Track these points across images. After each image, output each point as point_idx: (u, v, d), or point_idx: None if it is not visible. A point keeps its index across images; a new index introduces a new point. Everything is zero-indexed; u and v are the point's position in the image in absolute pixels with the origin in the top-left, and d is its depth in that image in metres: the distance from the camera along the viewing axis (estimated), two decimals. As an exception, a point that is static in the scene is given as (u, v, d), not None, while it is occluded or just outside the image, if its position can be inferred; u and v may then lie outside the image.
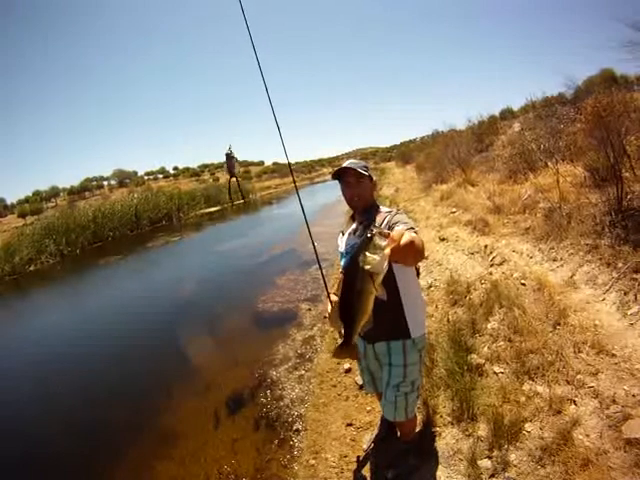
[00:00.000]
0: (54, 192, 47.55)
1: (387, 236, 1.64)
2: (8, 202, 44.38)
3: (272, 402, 4.66)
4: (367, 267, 1.65)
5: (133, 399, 5.43)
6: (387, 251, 1.62)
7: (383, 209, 2.63)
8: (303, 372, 5.18)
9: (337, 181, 2.65)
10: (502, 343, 4.02)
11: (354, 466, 3.39)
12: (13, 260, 17.40)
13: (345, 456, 3.53)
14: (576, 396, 3.01)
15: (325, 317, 6.41)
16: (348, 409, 4.15)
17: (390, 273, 2.36)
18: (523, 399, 3.20)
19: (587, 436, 2.64)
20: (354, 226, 2.68)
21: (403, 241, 1.63)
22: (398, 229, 1.76)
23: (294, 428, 4.13)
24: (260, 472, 3.65)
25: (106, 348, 7.28)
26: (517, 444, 2.81)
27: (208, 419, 4.58)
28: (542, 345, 3.68)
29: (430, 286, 6.21)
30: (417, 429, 3.27)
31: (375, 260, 1.63)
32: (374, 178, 2.69)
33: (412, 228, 2.12)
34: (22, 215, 35.76)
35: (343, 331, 2.06)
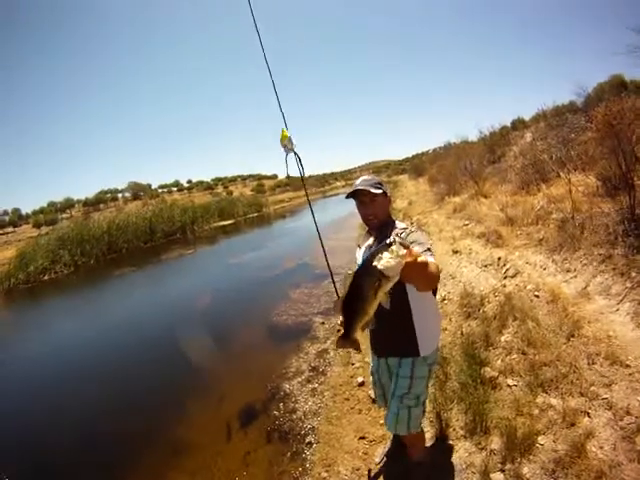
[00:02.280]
0: (69, 203, 47.82)
1: (407, 247, 1.66)
2: (23, 212, 44.57)
3: (285, 415, 4.66)
4: (380, 267, 1.64)
5: (146, 410, 5.47)
6: (403, 260, 1.63)
7: (399, 225, 2.60)
8: (316, 385, 5.18)
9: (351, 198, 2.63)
10: (516, 356, 4.00)
11: (366, 479, 3.38)
12: (28, 269, 17.76)
13: (357, 469, 3.52)
14: (590, 408, 2.99)
15: (339, 330, 6.43)
16: (361, 422, 4.14)
17: (403, 293, 2.42)
18: (537, 412, 3.17)
19: (601, 448, 2.61)
20: (370, 241, 2.68)
21: (420, 259, 1.70)
22: (416, 250, 1.80)
23: (306, 441, 4.12)
24: (271, 485, 3.65)
25: (120, 360, 7.37)
26: (530, 457, 2.78)
27: (221, 431, 4.59)
28: (556, 357, 3.66)
29: (444, 299, 6.20)
30: (429, 443, 3.27)
31: (389, 263, 1.63)
32: (389, 193, 2.66)
33: (429, 249, 2.15)
34: (37, 225, 36.03)
35: (344, 323, 2.04)
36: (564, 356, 3.64)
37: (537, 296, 4.99)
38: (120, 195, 54.95)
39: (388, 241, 1.68)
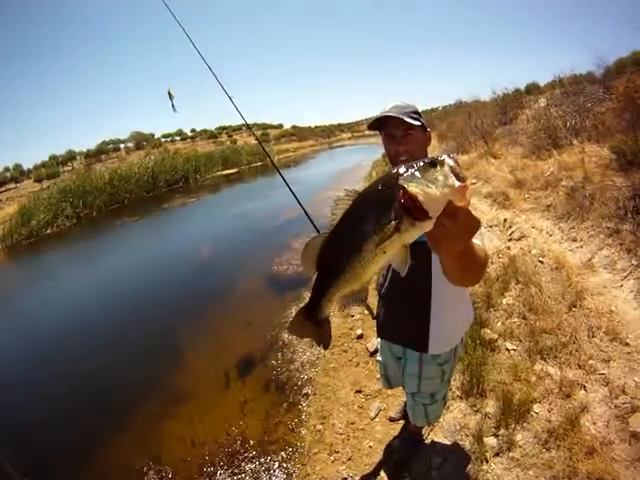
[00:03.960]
0: (70, 156, 46.45)
1: (464, 179, 0.88)
2: (25, 167, 43.47)
3: (283, 365, 4.71)
4: (410, 188, 0.89)
5: (145, 360, 5.53)
6: (451, 195, 0.87)
7: None
8: (314, 336, 5.17)
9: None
10: (516, 320, 4.03)
11: (361, 433, 3.42)
12: (30, 224, 17.74)
13: (352, 423, 3.56)
14: (586, 382, 3.02)
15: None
16: (358, 375, 4.17)
17: (426, 266, 1.85)
18: (534, 379, 3.21)
19: (594, 424, 2.65)
20: None
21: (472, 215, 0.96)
22: None
23: (303, 392, 4.17)
24: (267, 435, 3.72)
25: (119, 309, 7.46)
26: (524, 424, 2.82)
27: (219, 380, 4.65)
28: (556, 326, 3.68)
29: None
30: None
31: (429, 189, 0.88)
32: (428, 129, 1.94)
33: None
34: (38, 180, 34.83)
35: (313, 287, 1.24)
36: (565, 325, 3.67)
37: (541, 262, 5.00)
38: (122, 145, 53.42)
39: (432, 158, 0.93)
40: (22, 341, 6.99)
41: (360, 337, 4.80)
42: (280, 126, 76.55)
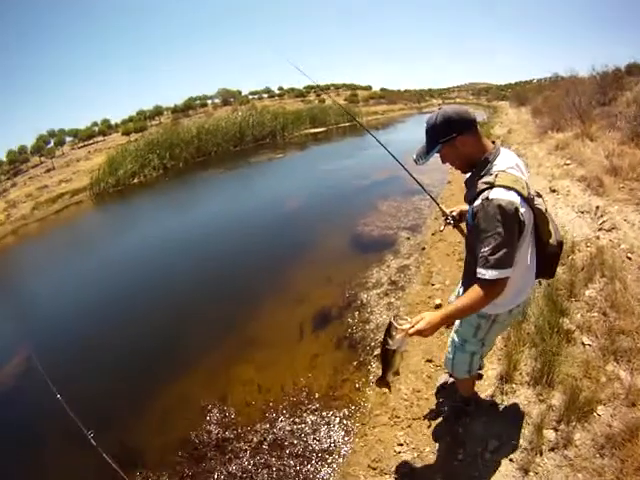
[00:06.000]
0: (158, 111, 46.63)
1: (400, 332, 2.04)
2: (112, 122, 44.17)
3: (358, 324, 4.83)
4: (389, 347, 2.16)
5: (223, 303, 5.84)
6: (406, 337, 2.07)
7: (495, 167, 2.10)
8: (393, 299, 5.28)
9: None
10: (596, 314, 3.91)
11: (425, 402, 3.52)
12: (117, 173, 18.62)
13: (418, 391, 3.66)
14: (656, 393, 2.93)
15: (423, 249, 6.48)
16: (431, 346, 4.20)
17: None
18: (604, 379, 3.13)
19: (652, 440, 2.57)
20: (468, 175, 2.32)
21: (420, 326, 2.00)
22: (419, 322, 2.01)
23: (374, 353, 4.26)
24: (333, 390, 3.90)
25: (205, 254, 7.93)
26: (585, 424, 2.78)
27: (293, 331, 4.85)
28: (635, 328, 3.57)
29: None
30: (494, 381, 3.37)
31: (392, 341, 2.11)
32: (458, 136, 2.11)
33: (491, 254, 1.94)
34: (126, 133, 35.44)
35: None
36: (644, 330, 3.56)
37: (629, 258, 4.81)
38: (209, 101, 53.65)
39: (389, 320, 2.13)
40: (107, 282, 7.52)
41: (438, 307, 4.77)
42: (369, 88, 74.93)
